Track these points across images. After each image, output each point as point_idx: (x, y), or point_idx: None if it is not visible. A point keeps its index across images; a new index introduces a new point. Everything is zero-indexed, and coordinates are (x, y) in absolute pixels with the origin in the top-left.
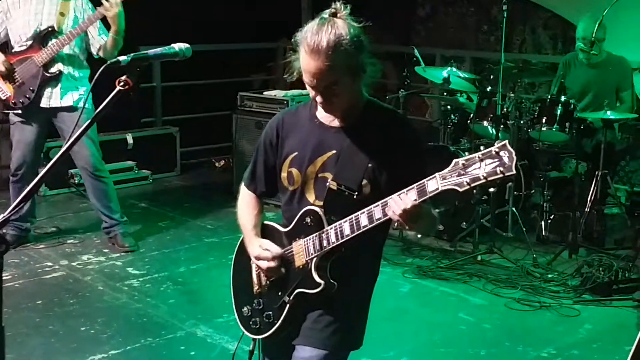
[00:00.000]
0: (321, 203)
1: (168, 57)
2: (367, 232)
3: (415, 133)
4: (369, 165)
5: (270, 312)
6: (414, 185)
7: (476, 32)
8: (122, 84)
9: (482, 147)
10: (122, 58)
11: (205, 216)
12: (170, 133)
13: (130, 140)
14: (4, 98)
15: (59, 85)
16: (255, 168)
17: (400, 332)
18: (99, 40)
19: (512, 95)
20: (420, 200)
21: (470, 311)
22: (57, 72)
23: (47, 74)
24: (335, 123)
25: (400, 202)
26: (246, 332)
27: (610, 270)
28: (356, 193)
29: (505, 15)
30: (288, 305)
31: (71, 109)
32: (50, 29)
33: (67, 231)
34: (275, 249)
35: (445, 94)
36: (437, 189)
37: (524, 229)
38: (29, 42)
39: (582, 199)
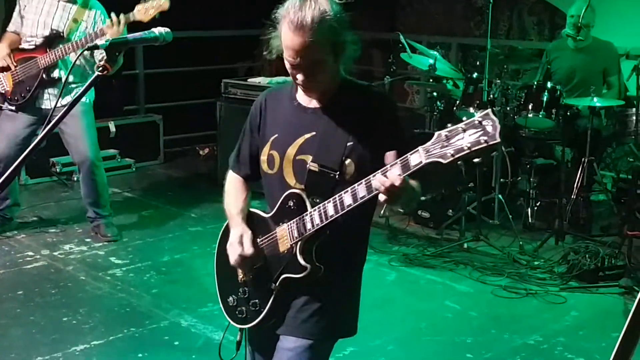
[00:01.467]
0: (302, 186)
1: (148, 42)
2: (352, 214)
3: (391, 104)
4: (349, 143)
5: (257, 300)
6: (397, 160)
7: (463, 19)
8: (100, 69)
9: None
10: (100, 42)
11: (189, 205)
12: (154, 121)
13: (112, 128)
14: (2, 91)
15: (59, 89)
16: (240, 150)
17: (386, 320)
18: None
19: (499, 81)
20: (404, 174)
21: (457, 299)
22: (57, 78)
23: (46, 78)
24: (313, 104)
25: (384, 178)
26: (232, 322)
27: (596, 257)
28: (337, 173)
29: (491, 1)
30: (274, 292)
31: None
32: (58, 34)
33: (48, 220)
34: (247, 248)
35: (431, 80)
36: (421, 162)
37: (510, 216)
38: (37, 42)
39: (569, 186)
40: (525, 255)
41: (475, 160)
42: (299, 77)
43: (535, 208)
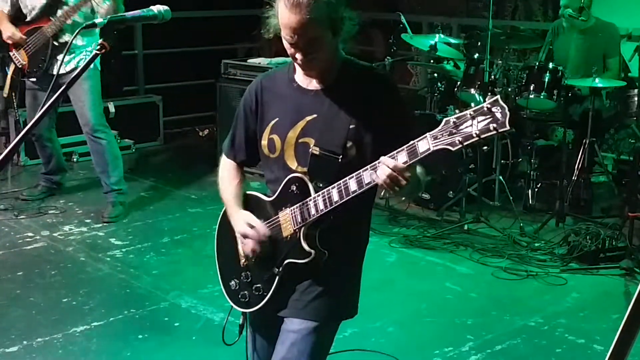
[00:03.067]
0: (305, 169)
1: (146, 20)
2: (356, 198)
3: (394, 87)
4: (351, 126)
5: (260, 285)
6: (404, 146)
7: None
8: (98, 47)
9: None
10: (98, 21)
11: (189, 186)
12: (153, 102)
13: (112, 109)
14: (19, 66)
15: (66, 53)
16: (234, 136)
17: (387, 302)
18: (102, 6)
19: (500, 62)
20: (411, 162)
21: (457, 280)
22: (65, 42)
23: (56, 44)
24: (314, 85)
25: (390, 165)
26: (235, 306)
27: (597, 238)
28: (340, 157)
29: None
30: (278, 277)
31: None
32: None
33: (48, 201)
34: (262, 228)
35: (432, 61)
36: (429, 149)
37: (511, 198)
38: (39, 12)
39: (570, 168)
40: (525, 236)
41: (485, 147)
42: (298, 55)
43: (536, 190)
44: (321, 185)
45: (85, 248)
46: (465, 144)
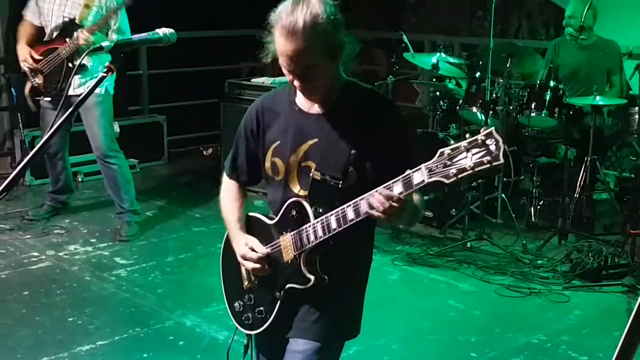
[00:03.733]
0: (306, 193)
1: (152, 43)
2: (356, 224)
3: (396, 111)
4: (352, 151)
5: (262, 308)
6: (400, 178)
7: (470, 18)
8: (105, 69)
9: (467, 135)
10: (105, 44)
11: (194, 205)
12: (158, 121)
13: (117, 128)
14: (35, 85)
15: (84, 75)
16: (236, 157)
17: (390, 319)
18: (114, 34)
19: (501, 80)
20: (406, 193)
21: (460, 298)
22: (81, 64)
23: (70, 65)
24: (315, 109)
25: (385, 197)
26: (240, 327)
27: (599, 255)
28: (341, 182)
29: (494, 0)
30: (279, 301)
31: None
32: (72, 21)
33: (53, 221)
34: (261, 249)
35: (434, 80)
36: (423, 181)
37: (514, 215)
38: (55, 33)
39: (572, 185)
40: (528, 254)
41: (480, 180)
42: (296, 82)
43: (538, 207)
44: (321, 210)
45: (91, 267)
46: (459, 176)
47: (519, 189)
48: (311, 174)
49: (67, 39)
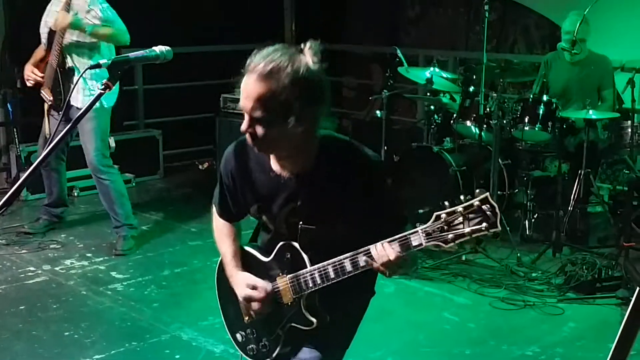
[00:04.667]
0: (297, 241)
1: (149, 60)
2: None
3: (371, 159)
4: (337, 207)
5: (266, 342)
6: (397, 238)
7: (467, 33)
8: (103, 87)
9: (462, 197)
10: (102, 61)
11: (189, 219)
12: (153, 136)
13: (112, 143)
14: (49, 103)
15: (74, 83)
16: (221, 198)
17: (385, 332)
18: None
19: (495, 95)
20: (403, 254)
21: (455, 311)
22: (68, 68)
23: (62, 70)
24: (290, 171)
25: (384, 254)
26: (244, 355)
27: (593, 268)
28: (330, 231)
29: (487, 15)
30: (282, 337)
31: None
32: (51, 29)
33: (49, 235)
34: (263, 287)
35: (428, 94)
36: (421, 244)
37: (508, 229)
38: (46, 44)
39: (566, 198)
40: (522, 267)
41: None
42: (242, 126)
43: (533, 220)
44: (314, 256)
45: (87, 282)
46: (457, 242)
47: (514, 202)
48: (299, 225)
49: (50, 47)
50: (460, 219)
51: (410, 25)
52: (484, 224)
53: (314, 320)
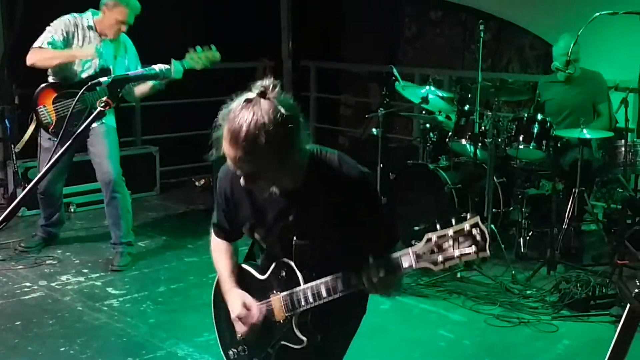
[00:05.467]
0: (291, 258)
1: (149, 78)
2: None
3: (360, 172)
4: (329, 221)
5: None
6: (388, 258)
7: (463, 52)
8: (103, 104)
9: (453, 220)
10: (103, 79)
11: (185, 235)
12: (150, 152)
13: None
14: (44, 123)
15: (72, 109)
16: (218, 217)
17: (380, 349)
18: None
19: (490, 113)
20: (394, 275)
21: (450, 328)
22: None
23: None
24: (282, 189)
25: (375, 274)
26: None
27: (587, 286)
28: (323, 245)
29: (482, 35)
30: (273, 356)
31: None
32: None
33: (45, 251)
34: (257, 313)
35: (423, 112)
36: (411, 266)
37: (503, 246)
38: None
39: (560, 216)
40: (517, 284)
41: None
42: (242, 181)
43: (528, 238)
44: (309, 273)
45: (83, 297)
46: (447, 265)
47: (508, 220)
48: (293, 242)
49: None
50: (451, 242)
51: (408, 44)
52: (473, 248)
53: (304, 339)
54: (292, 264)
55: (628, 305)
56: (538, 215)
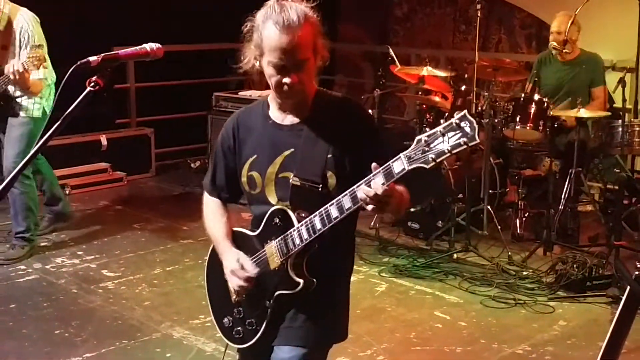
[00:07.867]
0: (286, 204)
1: (139, 57)
2: (339, 224)
3: (367, 114)
4: (329, 156)
5: (253, 319)
6: (380, 169)
7: (453, 32)
8: (92, 84)
9: (442, 121)
10: (92, 58)
11: (181, 217)
12: (145, 134)
13: (104, 141)
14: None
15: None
16: (215, 174)
17: (376, 330)
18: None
19: (486, 94)
20: (388, 183)
21: (446, 309)
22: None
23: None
24: (289, 120)
25: (368, 188)
26: (230, 343)
27: (584, 267)
28: (320, 186)
29: (479, 15)
30: (269, 310)
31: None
32: None
33: (40, 234)
34: (251, 270)
35: (420, 93)
36: (404, 169)
37: (499, 227)
38: None
39: (556, 197)
40: (513, 265)
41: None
42: (286, 79)
43: (524, 219)
44: (303, 215)
45: (77, 280)
46: (438, 160)
47: (505, 201)
48: (290, 181)
49: None
50: (440, 138)
51: (399, 24)
52: (463, 139)
53: (300, 281)
54: (286, 208)
55: (628, 287)
56: (534, 196)
